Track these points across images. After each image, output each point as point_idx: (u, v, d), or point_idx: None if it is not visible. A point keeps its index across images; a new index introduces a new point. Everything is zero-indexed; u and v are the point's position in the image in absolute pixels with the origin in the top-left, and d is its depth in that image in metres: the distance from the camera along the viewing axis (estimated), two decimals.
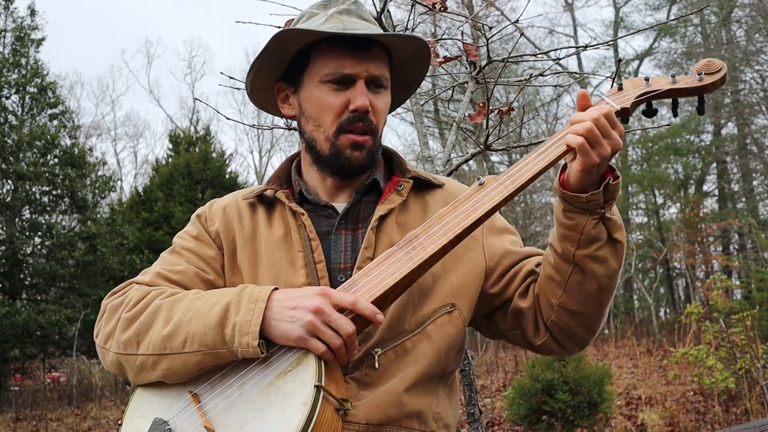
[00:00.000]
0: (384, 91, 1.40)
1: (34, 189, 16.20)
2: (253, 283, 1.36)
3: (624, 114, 1.27)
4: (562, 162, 1.29)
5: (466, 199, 1.28)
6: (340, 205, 1.42)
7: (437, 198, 1.46)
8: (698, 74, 1.27)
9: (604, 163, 1.21)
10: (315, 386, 1.14)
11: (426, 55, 1.43)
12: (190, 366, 1.24)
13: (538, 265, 1.40)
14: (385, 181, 1.46)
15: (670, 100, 1.32)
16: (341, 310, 1.20)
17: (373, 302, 1.21)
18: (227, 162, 22.02)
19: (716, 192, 22.89)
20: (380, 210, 1.38)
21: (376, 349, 1.30)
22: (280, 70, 1.44)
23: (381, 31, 1.37)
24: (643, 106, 1.30)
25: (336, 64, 1.35)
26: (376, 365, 1.29)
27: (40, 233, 16.32)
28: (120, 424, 1.31)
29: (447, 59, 2.73)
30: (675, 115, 1.32)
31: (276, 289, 1.25)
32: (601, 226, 1.25)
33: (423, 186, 1.47)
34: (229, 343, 1.20)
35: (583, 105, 1.26)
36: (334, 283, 1.33)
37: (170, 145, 22.72)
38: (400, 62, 1.44)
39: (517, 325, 1.42)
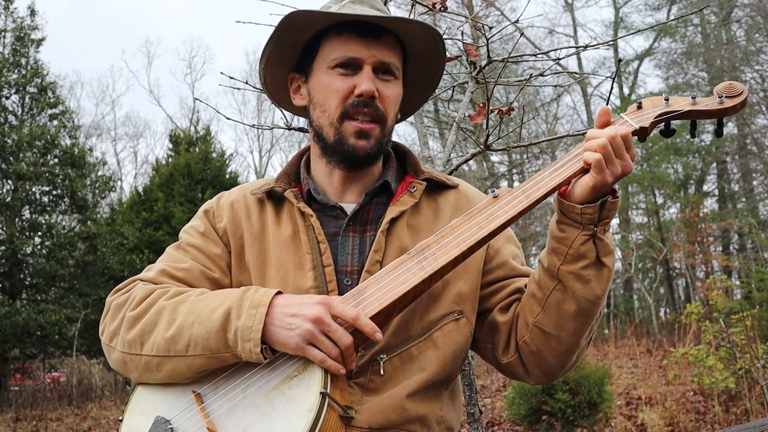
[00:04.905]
0: (394, 80, 1.38)
1: (34, 189, 16.16)
2: (260, 283, 1.36)
3: (642, 133, 1.26)
4: None
5: (479, 211, 1.27)
6: (349, 205, 1.40)
7: (449, 200, 1.44)
8: (719, 96, 1.25)
9: (613, 183, 1.21)
10: (320, 393, 1.14)
11: (440, 48, 1.40)
12: (194, 368, 1.25)
13: (527, 285, 1.38)
14: (397, 181, 1.44)
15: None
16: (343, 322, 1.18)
17: (382, 311, 1.21)
18: (227, 162, 22.00)
19: (716, 192, 22.85)
20: (391, 212, 1.36)
21: (381, 356, 1.29)
22: (293, 59, 1.43)
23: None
24: (661, 126, 1.28)
25: (344, 48, 1.34)
26: (381, 371, 1.29)
27: (40, 233, 16.30)
28: (120, 421, 1.30)
29: (447, 59, 2.73)
30: (693, 136, 1.31)
31: (279, 293, 1.24)
32: (591, 245, 1.24)
33: (436, 187, 1.45)
34: (232, 348, 1.20)
35: (603, 122, 1.25)
36: (340, 286, 1.32)
37: (170, 145, 22.69)
38: (414, 57, 1.42)
39: (490, 339, 1.40)
